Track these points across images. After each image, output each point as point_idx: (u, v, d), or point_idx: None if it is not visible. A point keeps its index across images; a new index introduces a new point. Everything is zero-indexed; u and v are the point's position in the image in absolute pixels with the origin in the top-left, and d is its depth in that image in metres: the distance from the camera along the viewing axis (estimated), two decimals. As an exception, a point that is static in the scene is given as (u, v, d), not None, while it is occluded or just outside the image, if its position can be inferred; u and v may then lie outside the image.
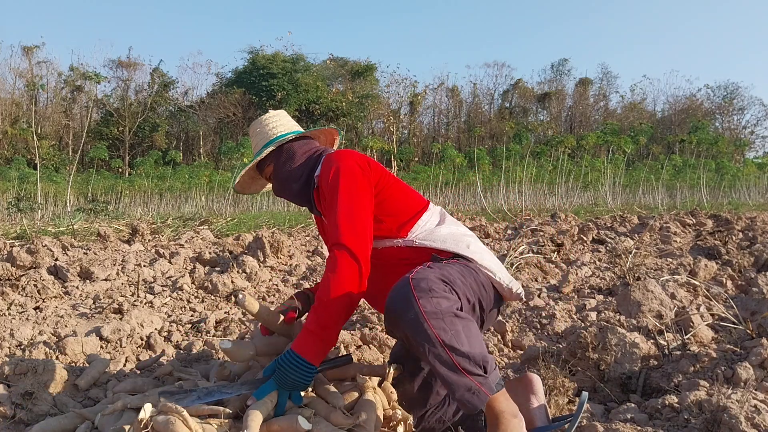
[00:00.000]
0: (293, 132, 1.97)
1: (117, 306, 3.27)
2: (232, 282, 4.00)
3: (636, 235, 7.08)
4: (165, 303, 3.61)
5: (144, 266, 4.48)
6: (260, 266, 4.65)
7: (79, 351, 2.49)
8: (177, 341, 2.91)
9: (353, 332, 2.87)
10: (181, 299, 3.73)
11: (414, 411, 1.87)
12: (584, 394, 1.75)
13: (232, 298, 3.81)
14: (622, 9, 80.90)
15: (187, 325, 3.16)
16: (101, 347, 2.67)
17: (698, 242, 6.40)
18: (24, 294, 3.48)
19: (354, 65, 38.09)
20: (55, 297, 3.54)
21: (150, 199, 18.85)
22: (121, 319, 3.03)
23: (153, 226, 7.56)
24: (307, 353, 1.54)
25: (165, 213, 13.65)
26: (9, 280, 3.72)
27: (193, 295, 3.83)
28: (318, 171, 1.86)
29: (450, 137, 40.00)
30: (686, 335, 2.73)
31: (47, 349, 2.44)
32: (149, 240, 6.39)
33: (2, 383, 1.88)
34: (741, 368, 2.16)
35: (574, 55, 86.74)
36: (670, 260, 5.33)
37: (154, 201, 18.73)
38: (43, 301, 3.45)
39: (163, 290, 3.86)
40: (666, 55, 77.52)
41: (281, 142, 1.92)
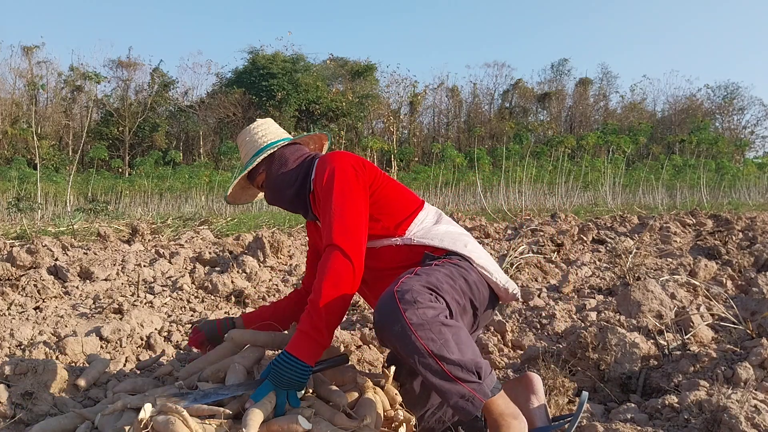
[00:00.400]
0: (282, 139, 1.96)
1: (117, 306, 3.27)
2: (232, 282, 4.00)
3: (636, 235, 7.08)
4: (165, 303, 3.61)
5: (144, 266, 4.48)
6: (260, 266, 4.65)
7: (79, 351, 2.49)
8: (177, 341, 2.91)
9: (353, 332, 2.87)
10: (181, 299, 3.73)
11: (414, 411, 1.87)
12: (584, 394, 1.75)
13: (233, 298, 3.81)
14: (622, 9, 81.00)
15: (187, 325, 3.16)
16: (101, 347, 2.66)
17: (698, 242, 6.40)
18: (24, 294, 3.49)
19: (354, 65, 38.10)
20: (55, 297, 3.54)
21: (150, 199, 18.85)
22: (121, 319, 3.03)
23: (153, 226, 7.57)
24: (301, 354, 1.54)
25: (165, 213, 13.66)
26: (9, 280, 3.72)
27: (193, 295, 3.83)
28: (313, 175, 1.86)
29: (450, 137, 40.00)
30: (686, 335, 2.73)
31: (47, 349, 2.44)
32: (149, 240, 6.39)
33: (2, 383, 1.88)
34: (741, 368, 2.16)
35: (574, 55, 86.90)
36: (670, 260, 5.33)
37: (154, 201, 18.73)
38: (43, 301, 3.45)
39: (163, 290, 3.86)
40: (666, 55, 77.63)
41: (272, 150, 1.91)
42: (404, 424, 1.71)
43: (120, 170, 29.16)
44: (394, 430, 1.69)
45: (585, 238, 6.71)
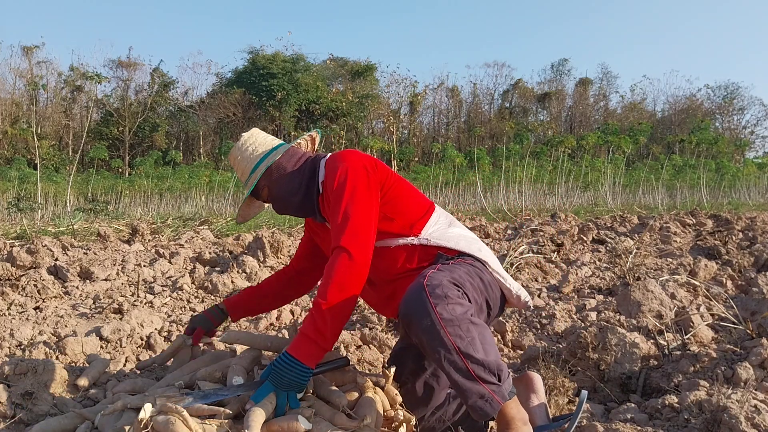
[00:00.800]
0: (274, 148, 1.90)
1: (117, 306, 3.27)
2: (232, 282, 4.00)
3: (636, 235, 7.08)
4: (165, 303, 3.61)
5: (144, 266, 4.48)
6: (260, 266, 4.65)
7: (79, 351, 2.49)
8: (177, 341, 2.91)
9: (353, 332, 2.87)
10: (181, 299, 3.73)
11: (415, 412, 1.87)
12: (583, 393, 1.76)
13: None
14: (622, 9, 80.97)
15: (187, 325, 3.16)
16: (101, 347, 2.66)
17: (698, 242, 6.40)
18: (24, 294, 3.48)
19: (354, 65, 38.09)
20: (55, 297, 3.54)
21: (150, 199, 18.84)
22: (121, 319, 3.02)
23: (153, 226, 7.56)
24: (302, 356, 1.53)
25: (165, 213, 13.65)
26: (9, 280, 3.72)
27: (193, 295, 3.83)
28: (322, 176, 1.82)
29: (450, 137, 39.99)
30: (686, 335, 2.73)
31: (47, 349, 2.44)
32: (149, 240, 6.39)
33: (2, 383, 1.88)
34: (741, 368, 2.16)
35: (574, 55, 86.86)
36: (670, 260, 5.33)
37: (154, 201, 18.72)
38: (43, 301, 3.44)
39: (163, 290, 3.86)
40: (666, 55, 77.61)
41: (268, 163, 1.85)
42: (404, 424, 1.71)
43: (120, 170, 29.15)
44: (394, 430, 1.69)
45: (585, 238, 6.71)
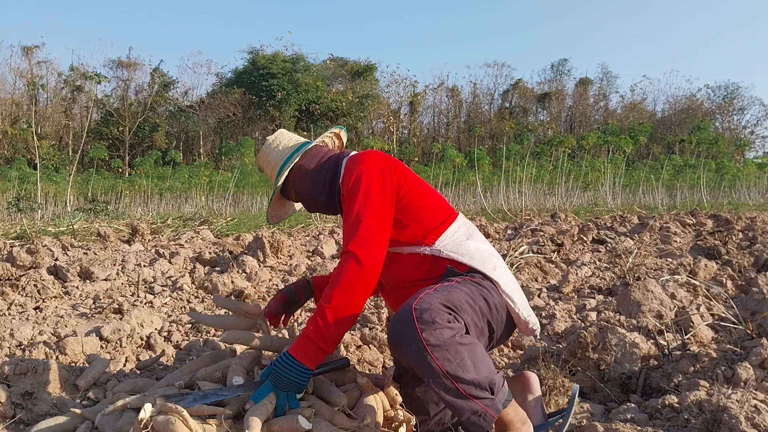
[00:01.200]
0: (299, 148, 1.88)
1: (117, 306, 3.27)
2: (232, 282, 4.00)
3: (636, 235, 7.08)
4: (165, 303, 3.61)
5: (144, 266, 4.48)
6: (260, 266, 4.65)
7: (79, 351, 2.49)
8: (177, 341, 2.91)
9: (353, 332, 2.87)
10: (181, 299, 3.73)
11: (417, 415, 1.86)
12: (575, 387, 1.78)
13: (233, 298, 3.81)
14: (622, 9, 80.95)
15: (187, 325, 3.16)
16: (101, 347, 2.66)
17: (698, 242, 6.40)
18: (24, 294, 3.48)
19: (354, 65, 38.10)
20: (55, 297, 3.54)
21: (150, 199, 18.84)
22: (121, 319, 3.03)
23: (153, 226, 7.57)
24: (303, 357, 1.53)
25: (165, 213, 13.65)
26: (9, 280, 3.72)
27: (193, 295, 3.83)
28: (341, 176, 1.80)
29: (450, 137, 39.99)
30: (686, 335, 2.73)
31: (47, 349, 2.44)
32: (149, 240, 6.39)
33: (2, 383, 1.88)
34: (741, 368, 2.16)
35: (574, 55, 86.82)
36: (670, 260, 5.33)
37: (154, 201, 18.73)
38: (43, 301, 3.44)
39: (163, 290, 3.86)
40: (666, 55, 77.60)
41: (290, 165, 1.84)
42: (404, 424, 1.71)
43: (120, 170, 29.15)
44: (394, 430, 1.69)
45: (585, 238, 6.71)
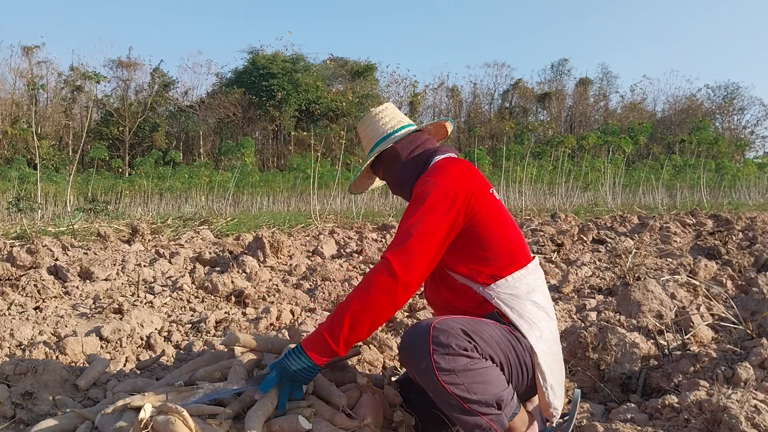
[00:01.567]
0: (396, 131, 1.81)
1: (117, 306, 3.27)
2: (232, 282, 4.00)
3: (636, 235, 7.08)
4: (165, 303, 3.61)
5: (144, 266, 4.48)
6: (260, 266, 4.65)
7: (79, 351, 2.49)
8: (177, 341, 2.91)
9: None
10: (181, 299, 3.73)
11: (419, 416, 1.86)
12: (577, 392, 1.77)
13: (232, 298, 3.81)
14: (622, 9, 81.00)
15: (187, 325, 3.16)
16: (101, 347, 2.66)
17: (698, 242, 6.40)
18: (24, 294, 3.48)
19: (354, 65, 38.13)
20: (55, 297, 3.54)
21: (150, 199, 18.84)
22: (121, 319, 3.02)
23: (153, 226, 7.57)
24: (314, 353, 1.51)
25: (165, 213, 13.65)
26: (9, 280, 3.72)
27: (193, 295, 3.83)
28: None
29: (450, 137, 39.96)
30: (686, 335, 2.73)
31: (47, 349, 2.44)
32: (149, 240, 6.39)
33: (2, 383, 1.88)
34: (741, 368, 2.16)
35: (574, 55, 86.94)
36: (670, 260, 5.33)
37: (154, 201, 18.73)
38: (43, 301, 3.44)
39: (163, 290, 3.86)
40: (666, 55, 77.66)
41: (385, 145, 1.78)
42: (404, 424, 1.71)
43: (120, 170, 29.15)
44: (394, 430, 1.69)
45: (585, 238, 6.71)
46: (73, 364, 2.39)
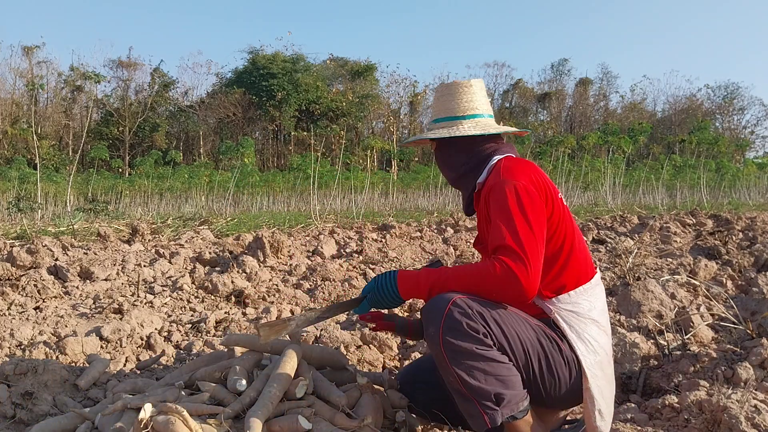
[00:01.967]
0: (466, 117, 1.71)
1: (117, 306, 3.27)
2: (232, 282, 4.00)
3: (636, 235, 7.08)
4: (165, 303, 3.61)
5: (144, 266, 4.48)
6: (260, 266, 4.65)
7: (79, 351, 2.49)
8: (177, 341, 2.91)
9: (353, 332, 2.86)
10: (181, 299, 3.73)
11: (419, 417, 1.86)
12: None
13: (232, 298, 3.81)
14: (622, 9, 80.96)
15: (187, 325, 3.16)
16: (101, 347, 2.66)
17: (698, 242, 6.40)
18: (24, 294, 3.48)
19: (354, 65, 38.12)
20: (55, 297, 3.54)
21: (150, 199, 18.84)
22: (121, 319, 3.02)
23: (153, 226, 7.57)
24: (403, 286, 1.59)
25: (165, 213, 13.65)
26: (9, 280, 3.72)
27: (193, 295, 3.83)
28: (482, 177, 1.66)
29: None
30: (686, 335, 2.73)
31: (47, 349, 2.44)
32: (149, 240, 6.39)
33: (2, 383, 1.88)
34: (741, 368, 2.16)
35: (574, 55, 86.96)
36: (670, 260, 5.33)
37: (154, 201, 18.72)
38: (43, 301, 3.44)
39: (163, 290, 3.86)
40: (666, 55, 77.65)
41: (449, 125, 1.72)
42: (404, 425, 1.71)
43: (120, 170, 29.15)
44: (396, 431, 1.69)
45: (585, 238, 6.72)
46: (73, 364, 2.40)
